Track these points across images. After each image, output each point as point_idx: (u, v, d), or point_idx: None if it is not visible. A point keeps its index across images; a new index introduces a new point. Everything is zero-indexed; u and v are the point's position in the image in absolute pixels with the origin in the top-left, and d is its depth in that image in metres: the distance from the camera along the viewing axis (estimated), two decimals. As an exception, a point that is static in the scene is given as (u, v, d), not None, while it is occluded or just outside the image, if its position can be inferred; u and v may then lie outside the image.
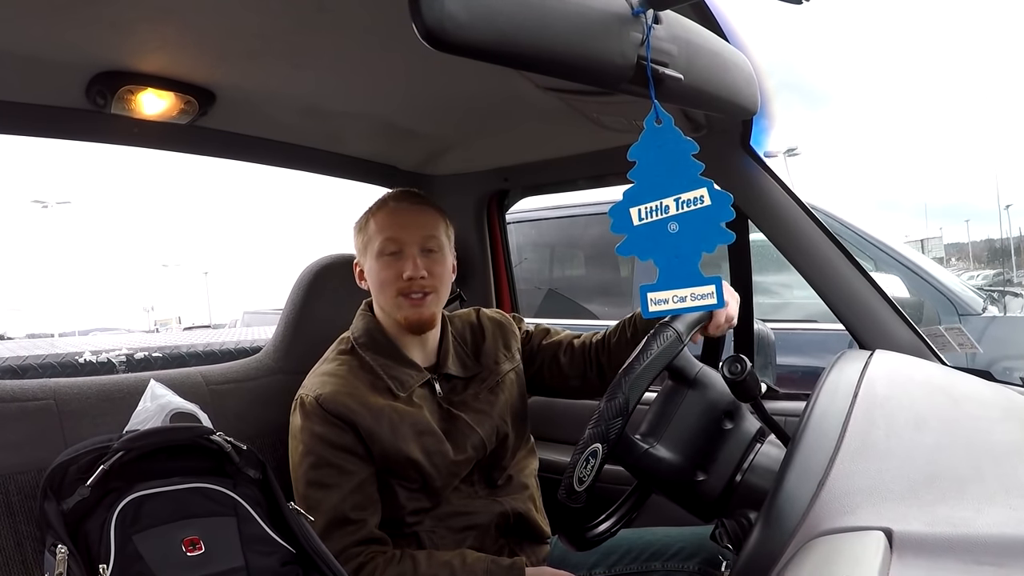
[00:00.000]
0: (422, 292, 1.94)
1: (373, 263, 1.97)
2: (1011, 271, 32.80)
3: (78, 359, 2.67)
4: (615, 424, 1.52)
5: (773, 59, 21.31)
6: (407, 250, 1.94)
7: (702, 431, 1.65)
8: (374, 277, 1.98)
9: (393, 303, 1.95)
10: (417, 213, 2.00)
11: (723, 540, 1.62)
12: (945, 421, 1.36)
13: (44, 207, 48.94)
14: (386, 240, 1.94)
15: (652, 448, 1.63)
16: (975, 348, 2.26)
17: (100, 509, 1.53)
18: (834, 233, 2.04)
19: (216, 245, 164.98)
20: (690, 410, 1.67)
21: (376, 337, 2.00)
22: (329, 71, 1.89)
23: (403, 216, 1.98)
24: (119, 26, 1.57)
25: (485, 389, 2.07)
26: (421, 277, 1.92)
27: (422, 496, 1.91)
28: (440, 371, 2.04)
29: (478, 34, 0.85)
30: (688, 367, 1.70)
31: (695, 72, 1.15)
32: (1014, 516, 1.09)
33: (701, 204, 1.07)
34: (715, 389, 1.68)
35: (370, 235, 1.98)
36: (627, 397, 1.53)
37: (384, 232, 1.95)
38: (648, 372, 1.57)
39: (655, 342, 1.61)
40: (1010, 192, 69.70)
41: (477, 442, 1.98)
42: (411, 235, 1.95)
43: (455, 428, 1.97)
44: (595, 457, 1.54)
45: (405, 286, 1.92)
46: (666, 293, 1.12)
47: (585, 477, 1.55)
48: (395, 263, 1.94)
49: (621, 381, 1.54)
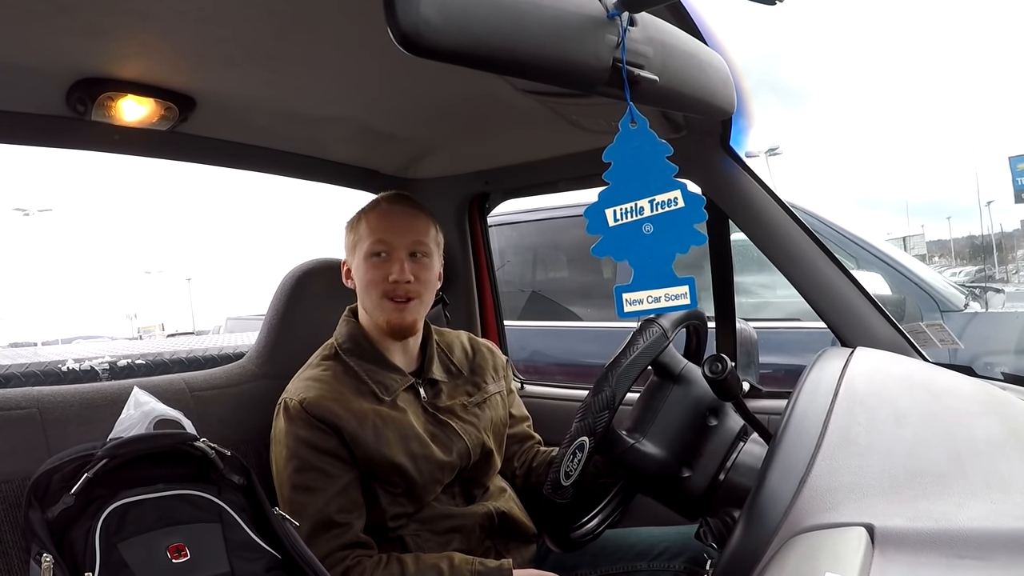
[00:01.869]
0: (406, 296, 1.94)
1: (361, 263, 1.97)
2: (993, 267, 32.99)
3: (61, 367, 2.66)
4: (602, 417, 1.53)
5: (750, 58, 21.31)
6: (395, 253, 1.94)
7: (687, 427, 1.66)
8: (360, 277, 1.98)
9: (377, 304, 1.95)
10: (409, 217, 2.00)
11: (707, 539, 1.63)
12: (925, 416, 1.37)
13: (26, 215, 48.62)
14: (375, 242, 1.95)
15: (638, 443, 1.64)
16: (956, 344, 2.28)
17: (85, 517, 1.52)
18: (815, 232, 2.05)
19: (198, 251, 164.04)
20: (675, 406, 1.68)
21: (360, 342, 2.00)
22: (308, 76, 1.88)
23: (394, 219, 1.98)
24: (98, 33, 1.56)
25: (473, 403, 2.08)
26: (407, 281, 1.93)
27: (404, 500, 1.91)
28: (424, 376, 2.04)
29: (453, 38, 0.85)
30: (673, 363, 1.71)
31: (670, 73, 1.16)
32: (995, 510, 1.10)
33: (675, 206, 1.08)
34: (700, 385, 1.69)
35: (360, 235, 1.99)
36: (613, 391, 1.54)
37: (374, 234, 1.96)
38: (634, 367, 1.58)
39: (641, 338, 1.62)
40: (991, 189, 69.96)
41: (463, 449, 1.98)
42: (401, 239, 1.96)
43: (442, 432, 1.97)
44: (582, 451, 1.55)
45: (390, 288, 1.93)
46: (641, 294, 1.12)
47: (572, 471, 1.56)
48: (382, 265, 1.94)
49: (608, 375, 1.56)
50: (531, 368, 5.19)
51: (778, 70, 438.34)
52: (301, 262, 2.40)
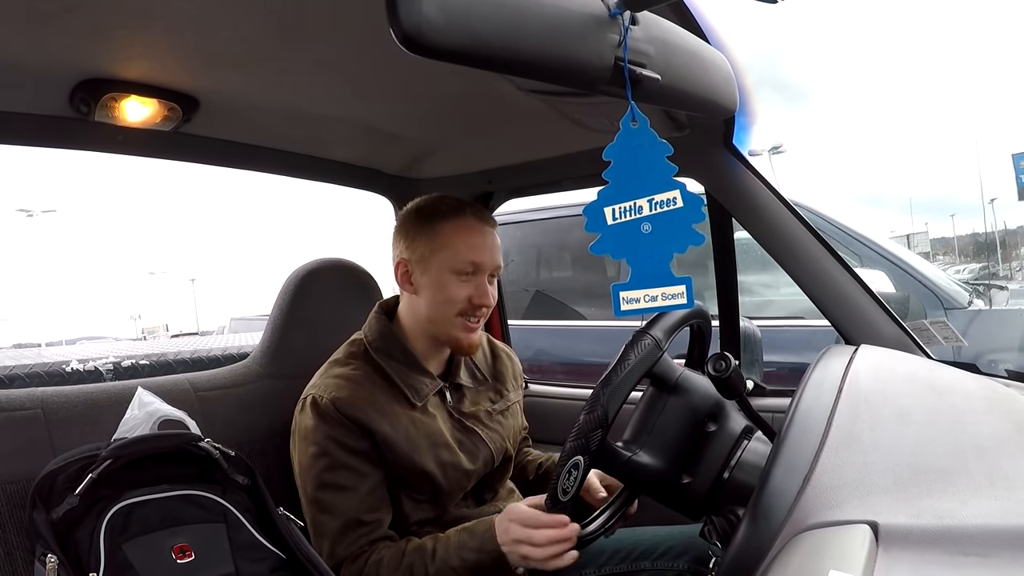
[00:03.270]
0: (479, 318, 1.95)
1: (442, 276, 1.92)
2: (996, 264, 32.94)
3: (65, 368, 2.67)
4: (595, 436, 1.53)
5: (753, 56, 21.19)
6: (481, 275, 1.93)
7: (685, 435, 1.65)
8: (439, 290, 1.93)
9: (451, 321, 1.93)
10: (495, 239, 1.98)
11: (712, 537, 1.62)
12: (930, 414, 1.36)
13: (29, 216, 48.69)
14: (469, 262, 1.91)
15: (635, 455, 1.64)
16: (960, 341, 2.27)
17: (89, 518, 1.52)
18: (819, 230, 2.04)
19: (203, 252, 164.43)
20: (672, 416, 1.66)
21: (393, 343, 1.98)
22: (311, 76, 1.88)
23: (487, 238, 1.95)
24: (101, 33, 1.56)
25: (497, 411, 2.10)
26: (488, 305, 1.94)
27: (428, 507, 1.91)
28: (451, 380, 2.04)
29: (455, 38, 0.85)
30: (668, 373, 1.69)
31: (673, 72, 1.15)
32: (999, 507, 1.10)
33: (674, 206, 1.07)
34: (697, 393, 1.67)
35: (442, 244, 1.92)
36: (606, 409, 1.52)
37: (469, 253, 1.91)
38: (627, 382, 1.56)
39: (632, 351, 1.60)
40: (995, 186, 69.84)
41: (488, 456, 1.99)
42: (490, 261, 1.94)
43: (468, 440, 1.98)
44: (577, 469, 1.55)
45: (470, 309, 1.92)
46: (638, 292, 1.12)
47: (569, 488, 1.57)
48: (468, 283, 1.92)
49: (600, 393, 1.54)
50: (535, 367, 5.19)
51: (781, 68, 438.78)
52: (306, 262, 2.41)
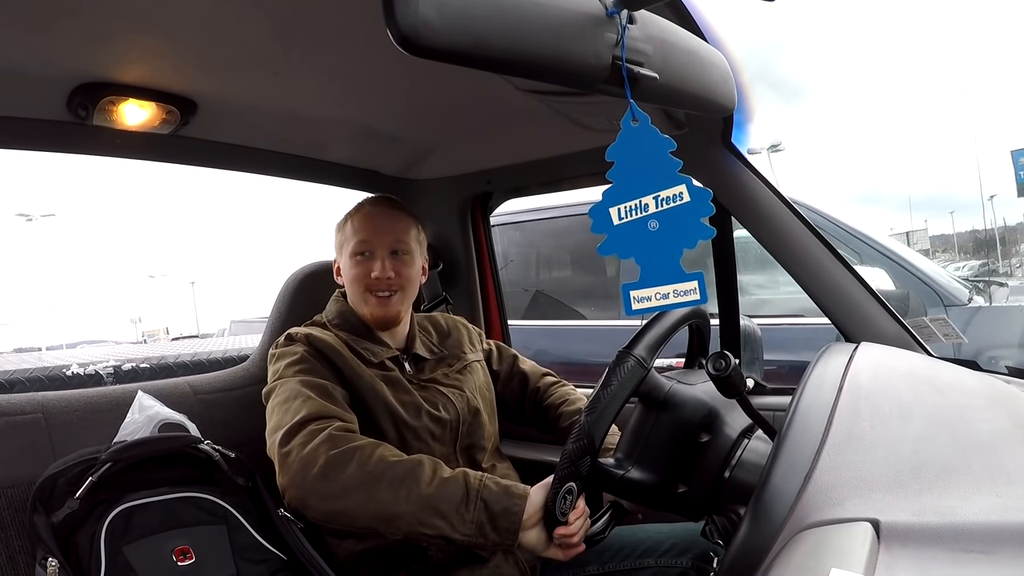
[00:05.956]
0: (388, 291, 2.10)
1: (347, 261, 2.14)
2: (996, 261, 32.95)
3: (66, 372, 2.67)
4: (584, 463, 1.55)
5: (750, 54, 21.24)
6: (377, 252, 2.11)
7: (677, 449, 1.64)
8: (346, 274, 2.15)
9: (361, 299, 2.11)
10: (389, 218, 2.15)
11: (713, 536, 1.62)
12: (930, 411, 1.36)
13: (29, 220, 48.72)
14: (359, 242, 2.11)
15: (627, 473, 1.64)
16: (960, 338, 2.27)
17: (90, 521, 1.53)
18: (818, 228, 2.04)
19: (202, 255, 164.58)
20: (662, 432, 1.66)
21: (349, 319, 2.13)
22: (309, 79, 1.89)
23: (376, 220, 2.14)
24: (99, 37, 1.57)
25: (454, 371, 2.20)
26: (388, 277, 2.09)
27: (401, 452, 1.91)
28: (408, 352, 2.15)
29: (452, 38, 0.85)
30: (656, 390, 1.68)
31: (670, 71, 1.15)
32: (1000, 503, 1.10)
33: (680, 201, 1.07)
34: (687, 407, 1.67)
35: (346, 236, 2.15)
36: (591, 437, 1.54)
37: (358, 235, 2.12)
38: (611, 408, 1.56)
39: (615, 376, 1.59)
40: (993, 183, 69.92)
41: (451, 409, 2.06)
42: (381, 238, 2.12)
43: (429, 394, 2.07)
44: (572, 494, 1.58)
45: (373, 284, 2.09)
46: (648, 291, 1.12)
47: (566, 510, 1.59)
48: (365, 263, 2.11)
49: (585, 422, 1.54)
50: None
51: (778, 66, 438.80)
52: (304, 264, 2.41)
